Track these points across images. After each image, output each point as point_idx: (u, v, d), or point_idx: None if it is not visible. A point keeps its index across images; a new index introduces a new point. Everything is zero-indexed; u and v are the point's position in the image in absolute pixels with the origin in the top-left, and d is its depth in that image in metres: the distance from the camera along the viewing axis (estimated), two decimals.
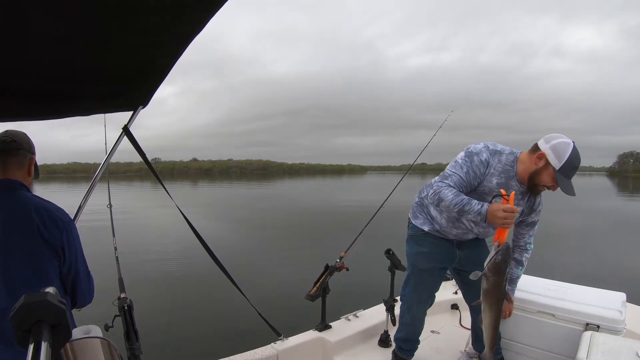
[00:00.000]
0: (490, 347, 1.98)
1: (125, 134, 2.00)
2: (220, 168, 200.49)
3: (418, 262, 2.35)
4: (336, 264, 2.75)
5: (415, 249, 2.32)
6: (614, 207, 22.68)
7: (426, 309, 2.46)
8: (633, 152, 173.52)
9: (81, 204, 2.03)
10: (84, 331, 1.00)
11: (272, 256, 9.53)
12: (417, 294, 2.40)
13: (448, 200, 1.89)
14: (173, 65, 1.35)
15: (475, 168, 1.97)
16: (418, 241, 2.30)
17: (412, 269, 2.40)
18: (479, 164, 1.97)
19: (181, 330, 5.01)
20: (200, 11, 0.97)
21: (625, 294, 2.31)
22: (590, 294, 2.34)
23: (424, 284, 2.38)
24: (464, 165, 1.98)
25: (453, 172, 1.98)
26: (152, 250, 9.74)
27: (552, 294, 2.33)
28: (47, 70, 1.31)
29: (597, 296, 2.30)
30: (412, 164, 3.53)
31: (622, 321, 2.09)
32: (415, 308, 2.42)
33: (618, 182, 72.49)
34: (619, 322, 2.08)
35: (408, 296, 2.42)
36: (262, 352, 2.42)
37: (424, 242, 2.28)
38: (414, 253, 2.34)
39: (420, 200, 2.33)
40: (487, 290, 1.83)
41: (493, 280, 1.79)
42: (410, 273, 2.41)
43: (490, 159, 1.98)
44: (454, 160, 2.04)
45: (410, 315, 2.43)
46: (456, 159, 2.03)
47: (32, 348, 0.60)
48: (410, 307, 2.43)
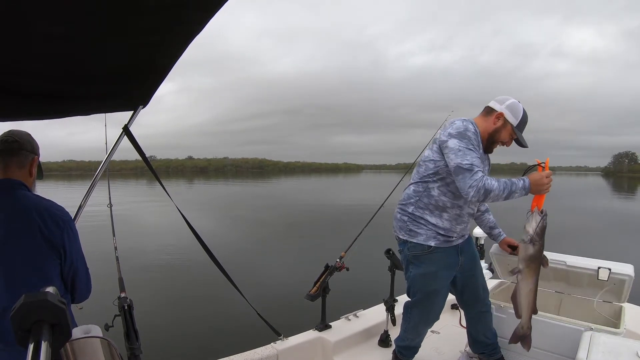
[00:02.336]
0: (530, 315, 2.00)
1: (125, 134, 2.00)
2: (216, 166, 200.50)
3: (426, 285, 2.13)
4: (336, 263, 2.74)
5: (422, 271, 2.10)
6: (609, 207, 22.83)
7: (432, 325, 2.34)
8: (628, 152, 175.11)
9: (81, 203, 2.03)
10: (84, 331, 1.01)
11: (272, 255, 9.54)
12: (426, 316, 2.24)
13: (496, 190, 1.81)
14: (173, 65, 1.35)
15: (475, 143, 1.93)
16: (425, 261, 2.09)
17: (419, 294, 2.17)
18: (474, 138, 1.93)
19: (181, 329, 5.00)
20: (200, 11, 0.97)
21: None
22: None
23: (433, 305, 2.20)
24: (468, 147, 1.89)
25: (470, 161, 1.85)
26: (152, 250, 9.73)
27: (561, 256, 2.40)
28: (48, 70, 1.31)
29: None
30: (412, 163, 3.51)
31: (631, 278, 2.21)
32: (422, 328, 2.30)
33: (613, 182, 72.93)
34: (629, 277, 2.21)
35: (415, 318, 2.24)
36: (262, 351, 2.41)
37: (431, 261, 2.09)
38: (420, 275, 2.12)
39: (410, 215, 2.10)
40: (533, 256, 1.88)
41: (540, 244, 1.86)
42: (418, 299, 2.18)
43: (474, 127, 1.97)
44: (453, 151, 1.89)
45: (415, 332, 2.31)
46: (454, 147, 1.89)
47: (32, 348, 0.60)
48: (416, 327, 2.28)
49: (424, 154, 2.10)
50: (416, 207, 2.09)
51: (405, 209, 2.14)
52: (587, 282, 2.39)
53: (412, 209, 2.10)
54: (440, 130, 2.06)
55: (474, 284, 2.30)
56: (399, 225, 2.16)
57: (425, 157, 2.08)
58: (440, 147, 1.98)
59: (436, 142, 2.04)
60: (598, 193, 33.83)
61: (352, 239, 2.97)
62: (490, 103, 2.07)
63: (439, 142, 1.99)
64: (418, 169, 2.12)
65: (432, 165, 2.03)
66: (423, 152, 2.09)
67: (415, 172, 2.15)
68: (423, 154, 2.11)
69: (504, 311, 2.42)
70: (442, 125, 3.26)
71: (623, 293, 2.31)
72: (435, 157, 2.02)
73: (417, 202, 2.09)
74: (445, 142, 1.93)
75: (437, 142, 2.01)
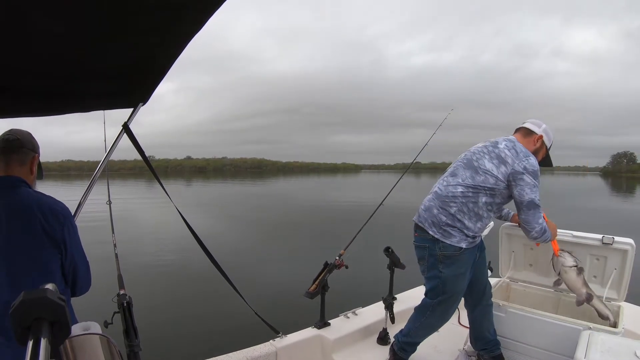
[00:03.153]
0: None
1: (125, 132, 2.00)
2: (215, 166, 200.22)
3: (456, 285, 2.21)
4: (335, 261, 2.74)
5: (454, 271, 2.17)
6: (607, 207, 22.88)
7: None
8: (627, 152, 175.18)
9: (81, 200, 2.04)
10: (84, 328, 1.01)
11: (271, 253, 9.53)
12: (446, 314, 2.30)
13: (547, 234, 2.16)
14: (173, 63, 1.36)
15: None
16: (456, 262, 2.15)
17: (448, 293, 2.21)
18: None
19: (181, 327, 5.00)
20: (200, 10, 0.98)
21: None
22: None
23: (454, 304, 2.29)
24: (538, 185, 2.12)
25: (539, 199, 2.11)
26: (151, 247, 9.73)
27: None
28: (48, 67, 1.32)
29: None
30: (411, 163, 3.52)
31: (633, 247, 2.37)
32: (438, 326, 2.36)
33: (612, 182, 73.08)
34: (631, 246, 2.37)
35: (436, 316, 2.28)
36: (260, 349, 2.41)
37: (461, 262, 2.17)
38: (453, 276, 2.18)
39: (452, 216, 2.13)
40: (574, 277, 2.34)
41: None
42: (445, 298, 2.22)
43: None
44: (529, 185, 2.07)
45: (429, 330, 2.37)
46: (530, 182, 2.07)
47: (31, 345, 0.59)
48: (432, 325, 2.34)
49: (485, 166, 2.12)
50: (459, 210, 2.13)
51: (446, 207, 2.15)
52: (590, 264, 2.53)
53: (455, 211, 2.13)
54: (509, 154, 2.11)
55: (483, 277, 2.39)
56: (432, 221, 2.17)
57: (487, 169, 2.11)
58: (512, 175, 2.08)
59: (499, 158, 2.11)
60: (596, 193, 33.92)
61: (351, 237, 2.97)
62: (528, 125, 2.27)
63: (512, 170, 2.08)
64: (473, 175, 2.13)
65: (493, 180, 2.10)
66: (484, 164, 2.13)
67: (469, 176, 2.14)
68: (484, 165, 2.13)
69: (503, 310, 2.43)
70: (442, 123, 3.27)
71: (627, 263, 2.40)
72: (499, 176, 2.10)
73: (462, 205, 2.13)
74: (521, 175, 2.07)
75: (508, 168, 2.09)
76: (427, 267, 2.23)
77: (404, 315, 2.98)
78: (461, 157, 2.28)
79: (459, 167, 2.22)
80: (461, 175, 2.18)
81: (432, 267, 2.20)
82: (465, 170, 2.18)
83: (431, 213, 2.19)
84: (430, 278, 2.23)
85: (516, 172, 2.07)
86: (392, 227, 6.84)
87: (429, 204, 2.22)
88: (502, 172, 2.09)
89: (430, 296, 2.27)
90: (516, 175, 2.07)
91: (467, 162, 2.20)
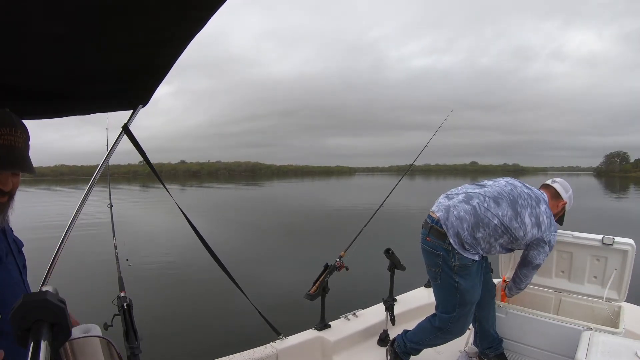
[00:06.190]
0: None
1: (125, 133, 1.98)
2: (209, 170, 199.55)
3: (474, 295, 2.24)
4: (336, 263, 2.74)
5: (471, 283, 2.21)
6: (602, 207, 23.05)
7: None
8: (620, 152, 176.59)
9: (80, 203, 2.00)
10: (84, 330, 1.02)
11: (271, 255, 9.52)
12: (467, 326, 2.34)
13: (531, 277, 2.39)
14: (173, 65, 1.35)
15: None
16: (471, 273, 2.20)
17: (469, 305, 2.24)
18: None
19: (181, 329, 4.98)
20: (200, 11, 0.98)
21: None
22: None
23: (472, 312, 2.30)
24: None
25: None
26: (151, 249, 9.67)
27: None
28: (48, 69, 1.31)
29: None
30: (411, 165, 3.52)
31: (633, 247, 2.39)
32: (457, 337, 2.36)
33: (605, 181, 73.66)
34: (631, 246, 2.39)
35: (459, 327, 2.29)
36: (261, 351, 2.40)
37: (475, 274, 2.23)
38: (471, 287, 2.21)
39: (476, 240, 2.17)
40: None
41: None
42: (467, 310, 2.25)
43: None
44: (545, 253, 2.25)
45: (446, 340, 2.36)
46: (547, 251, 2.25)
47: (31, 347, 0.59)
48: (451, 338, 2.34)
49: (524, 219, 2.18)
50: (483, 237, 2.17)
51: (475, 230, 2.16)
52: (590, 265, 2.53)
53: (480, 237, 2.17)
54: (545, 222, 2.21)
55: (488, 276, 2.44)
56: (458, 232, 2.16)
57: (524, 222, 2.18)
58: (538, 240, 2.22)
59: (537, 219, 2.20)
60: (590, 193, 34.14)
61: (351, 239, 2.96)
62: (557, 187, 2.42)
63: (540, 236, 2.21)
64: (512, 218, 2.17)
65: (522, 234, 2.19)
66: (525, 216, 2.19)
67: (509, 216, 2.17)
68: (524, 216, 2.18)
69: (504, 310, 2.43)
70: (442, 124, 3.28)
71: (627, 263, 2.40)
72: (528, 234, 2.20)
73: (489, 236, 2.17)
74: (544, 244, 2.23)
75: (539, 232, 2.20)
76: (441, 277, 2.23)
77: (404, 316, 2.98)
78: (506, 187, 2.29)
79: (504, 199, 2.21)
80: (503, 209, 2.17)
81: (447, 278, 2.21)
82: (508, 208, 2.18)
83: (461, 225, 2.16)
84: (445, 288, 2.24)
85: (542, 240, 2.23)
86: (391, 229, 6.83)
87: (463, 215, 2.17)
88: (533, 233, 2.21)
89: (447, 309, 2.25)
90: (541, 242, 2.23)
91: (512, 201, 2.20)
